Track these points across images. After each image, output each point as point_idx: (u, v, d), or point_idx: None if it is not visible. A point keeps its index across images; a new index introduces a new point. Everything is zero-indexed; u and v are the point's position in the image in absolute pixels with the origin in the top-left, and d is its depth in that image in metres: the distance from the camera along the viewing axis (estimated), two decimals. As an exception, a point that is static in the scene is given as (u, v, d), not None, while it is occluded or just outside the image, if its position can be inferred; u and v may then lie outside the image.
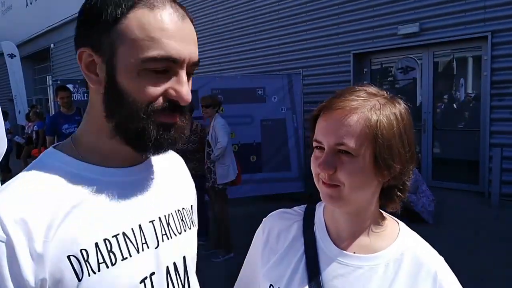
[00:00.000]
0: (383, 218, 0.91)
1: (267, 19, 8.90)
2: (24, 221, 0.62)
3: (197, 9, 10.28)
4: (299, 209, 0.99)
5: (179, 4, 0.73)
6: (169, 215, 0.82)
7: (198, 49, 0.75)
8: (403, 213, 0.92)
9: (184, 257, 0.83)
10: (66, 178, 0.69)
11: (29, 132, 10.03)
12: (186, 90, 0.71)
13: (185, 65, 0.71)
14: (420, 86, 7.04)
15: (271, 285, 0.91)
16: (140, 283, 0.72)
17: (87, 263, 0.65)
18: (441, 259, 0.88)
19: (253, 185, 6.51)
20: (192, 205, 0.93)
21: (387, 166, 0.79)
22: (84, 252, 0.66)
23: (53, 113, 5.83)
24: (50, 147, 0.76)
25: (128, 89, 0.69)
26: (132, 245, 0.72)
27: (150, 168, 0.81)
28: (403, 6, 6.85)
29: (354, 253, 0.86)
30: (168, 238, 0.79)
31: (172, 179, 0.88)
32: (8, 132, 7.97)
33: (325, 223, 0.92)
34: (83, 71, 0.71)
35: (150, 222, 0.77)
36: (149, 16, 0.68)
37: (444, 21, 6.41)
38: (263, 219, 1.02)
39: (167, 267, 0.78)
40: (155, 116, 0.70)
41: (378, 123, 0.78)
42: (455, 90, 7.15)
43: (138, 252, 0.72)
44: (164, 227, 0.79)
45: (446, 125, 7.11)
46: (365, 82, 6.61)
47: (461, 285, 0.86)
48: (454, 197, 6.24)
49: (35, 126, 9.25)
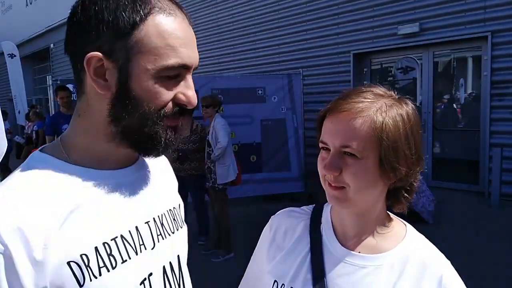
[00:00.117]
0: (390, 219, 0.91)
1: (267, 19, 8.90)
2: (21, 229, 0.60)
3: (197, 9, 10.28)
4: (307, 209, 1.00)
5: (182, 8, 0.74)
6: (162, 215, 0.83)
7: (198, 49, 0.76)
8: (402, 213, 0.92)
9: (178, 256, 0.84)
10: (60, 183, 0.68)
11: (29, 132, 10.03)
12: (193, 93, 0.73)
13: (192, 70, 0.73)
14: (420, 86, 7.04)
15: (275, 281, 0.91)
16: (140, 284, 0.72)
17: (88, 268, 0.65)
18: (448, 263, 0.87)
19: (253, 185, 6.51)
20: (179, 204, 0.94)
21: (393, 169, 0.79)
22: (84, 257, 0.65)
23: (53, 113, 5.84)
24: (37, 150, 0.74)
25: (142, 95, 0.69)
26: (130, 247, 0.72)
27: (141, 169, 0.82)
28: (403, 6, 6.85)
29: (359, 252, 0.86)
30: (163, 238, 0.80)
31: (161, 179, 0.88)
32: (8, 132, 7.97)
33: (331, 222, 0.93)
34: (90, 76, 0.68)
35: (145, 223, 0.77)
36: (166, 24, 0.68)
37: (444, 21, 6.41)
38: (271, 217, 1.02)
39: (164, 266, 0.79)
40: (165, 120, 0.72)
41: (384, 125, 0.78)
42: (455, 90, 7.15)
43: (136, 254, 0.73)
44: (158, 228, 0.80)
45: (446, 125, 7.12)
46: (365, 83, 6.57)
47: (461, 285, 0.85)
48: (454, 197, 6.24)
49: (35, 126, 9.24)
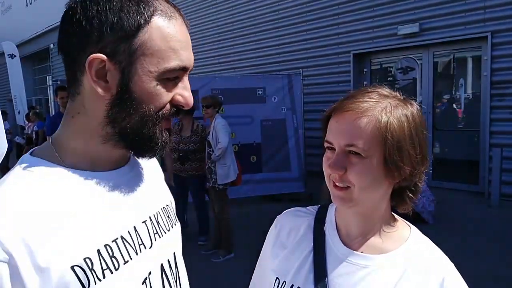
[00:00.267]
0: (394, 220, 0.91)
1: (267, 19, 8.91)
2: (24, 237, 0.60)
3: (197, 9, 10.28)
4: (313, 209, 1.00)
5: (179, 10, 0.74)
6: (157, 213, 0.83)
7: (198, 49, 0.76)
8: (406, 214, 0.92)
9: (174, 253, 0.85)
10: (57, 187, 0.67)
11: (29, 132, 10.03)
12: (190, 94, 0.74)
13: (189, 72, 0.74)
14: (420, 86, 7.05)
15: (277, 278, 0.92)
16: (142, 284, 0.73)
17: (92, 271, 0.65)
18: (451, 266, 0.86)
19: (253, 185, 6.52)
20: (171, 200, 0.95)
21: (397, 168, 0.80)
22: (88, 260, 0.65)
23: (53, 113, 5.84)
24: (27, 154, 0.73)
25: (142, 97, 0.69)
26: (131, 247, 0.72)
27: (134, 168, 0.82)
28: (403, 6, 6.86)
29: (362, 252, 0.87)
30: (159, 237, 0.81)
31: (153, 177, 0.89)
32: (7, 132, 7.97)
33: (335, 222, 0.93)
34: (91, 78, 0.67)
35: (143, 222, 0.78)
36: (168, 27, 0.69)
37: (444, 21, 6.42)
38: (277, 216, 1.03)
39: (162, 264, 0.80)
40: (162, 122, 0.73)
41: (388, 124, 0.78)
42: (455, 90, 7.16)
43: (136, 254, 0.73)
44: (155, 226, 0.81)
45: (446, 125, 7.13)
46: (365, 83, 6.55)
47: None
48: (454, 197, 6.25)
49: (35, 127, 9.25)
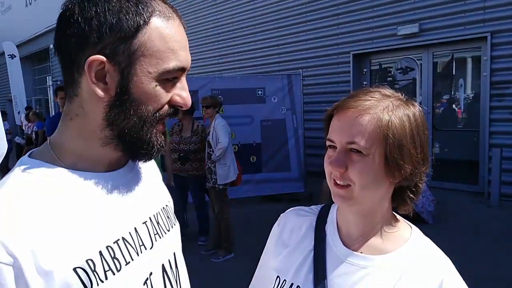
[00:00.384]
0: (396, 221, 0.91)
1: (267, 19, 8.91)
2: (27, 240, 0.60)
3: (198, 9, 10.28)
4: (316, 208, 1.01)
5: (177, 10, 0.74)
6: (157, 214, 0.84)
7: (199, 48, 0.77)
8: (407, 214, 0.92)
9: (174, 253, 0.85)
10: (58, 189, 0.67)
11: (29, 132, 10.04)
12: (188, 95, 0.75)
13: (186, 72, 0.75)
14: (420, 87, 7.05)
15: (278, 276, 0.93)
16: (143, 284, 0.73)
17: (94, 272, 0.65)
18: (451, 267, 0.86)
19: (253, 185, 6.52)
20: (169, 200, 0.95)
21: (398, 166, 0.80)
22: (90, 262, 0.65)
23: (53, 113, 5.84)
24: (25, 156, 0.72)
25: (141, 98, 0.69)
26: (132, 248, 0.73)
27: (132, 169, 0.82)
28: (402, 7, 6.86)
29: (362, 253, 0.87)
30: (160, 237, 0.81)
31: (151, 177, 0.89)
32: (7, 132, 7.97)
33: (337, 222, 0.93)
34: (91, 79, 0.67)
35: (143, 223, 0.78)
36: (167, 28, 0.69)
37: (444, 22, 6.42)
38: (281, 214, 1.04)
39: (163, 265, 0.80)
40: (159, 124, 0.73)
41: (390, 123, 0.79)
42: (455, 90, 7.16)
43: (137, 254, 0.73)
44: (155, 227, 0.81)
45: (446, 126, 7.13)
46: (365, 83, 6.55)
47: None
48: (454, 197, 6.25)
49: (34, 127, 9.25)
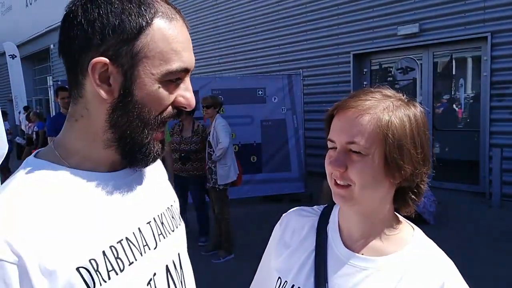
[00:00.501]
0: (398, 222, 0.91)
1: (268, 19, 8.91)
2: (31, 239, 0.60)
3: (198, 9, 10.29)
4: (318, 209, 1.01)
5: (180, 11, 0.74)
6: (161, 214, 0.83)
7: (199, 49, 0.76)
8: (410, 216, 0.91)
9: (178, 254, 0.85)
10: (62, 188, 0.67)
11: (29, 132, 10.04)
12: (192, 95, 0.74)
13: (190, 73, 0.74)
14: (420, 87, 7.05)
15: (279, 277, 0.93)
16: (147, 285, 0.73)
17: (97, 272, 0.65)
18: (453, 269, 0.85)
19: (253, 185, 6.52)
20: (175, 200, 0.94)
21: (398, 166, 0.80)
22: (93, 261, 0.65)
23: (53, 113, 5.85)
24: (31, 156, 0.73)
25: (144, 100, 0.69)
26: (135, 248, 0.72)
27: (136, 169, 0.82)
28: (403, 7, 6.86)
29: (362, 254, 0.87)
30: (164, 237, 0.80)
31: (156, 177, 0.88)
32: (8, 132, 7.97)
33: (338, 223, 0.93)
34: (95, 81, 0.67)
35: (147, 223, 0.77)
36: (170, 29, 0.69)
37: (444, 22, 6.42)
38: (283, 214, 1.03)
39: (167, 265, 0.79)
40: (162, 126, 0.72)
41: (389, 123, 0.79)
42: (455, 90, 7.16)
43: (141, 255, 0.73)
44: (159, 227, 0.80)
45: (446, 126, 7.13)
46: (365, 83, 6.55)
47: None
48: (455, 197, 6.25)
49: (35, 127, 9.26)
